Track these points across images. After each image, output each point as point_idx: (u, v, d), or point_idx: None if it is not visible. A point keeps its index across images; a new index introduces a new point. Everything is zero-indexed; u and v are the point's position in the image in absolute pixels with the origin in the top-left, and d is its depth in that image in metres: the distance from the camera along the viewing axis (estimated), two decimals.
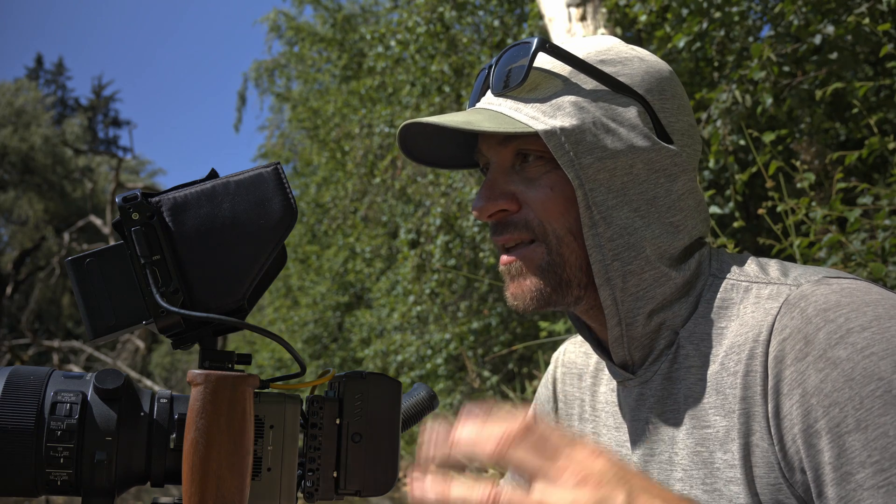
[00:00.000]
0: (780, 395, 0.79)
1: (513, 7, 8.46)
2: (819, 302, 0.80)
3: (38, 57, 45.22)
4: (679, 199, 0.91)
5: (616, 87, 0.90)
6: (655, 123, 0.91)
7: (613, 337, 0.92)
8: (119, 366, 16.55)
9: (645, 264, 0.88)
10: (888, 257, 2.80)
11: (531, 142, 0.90)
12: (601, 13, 4.42)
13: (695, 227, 0.93)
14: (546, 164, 0.90)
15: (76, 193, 28.89)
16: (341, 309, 13.93)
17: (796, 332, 0.79)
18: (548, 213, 0.90)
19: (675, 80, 0.95)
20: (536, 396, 1.19)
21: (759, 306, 0.84)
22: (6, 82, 30.40)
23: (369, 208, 10.94)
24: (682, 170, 0.91)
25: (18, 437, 0.67)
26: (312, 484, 0.75)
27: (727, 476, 0.84)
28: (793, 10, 3.74)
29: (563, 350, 1.16)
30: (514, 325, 8.34)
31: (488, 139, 0.94)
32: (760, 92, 3.77)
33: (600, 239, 0.87)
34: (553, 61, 0.91)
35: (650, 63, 0.93)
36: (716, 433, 0.85)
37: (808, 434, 0.77)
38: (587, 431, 1.06)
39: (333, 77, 14.78)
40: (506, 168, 0.93)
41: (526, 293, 0.92)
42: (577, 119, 0.87)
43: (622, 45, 0.95)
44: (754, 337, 0.83)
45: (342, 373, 0.78)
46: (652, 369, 0.92)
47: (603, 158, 0.87)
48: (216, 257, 0.70)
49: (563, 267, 0.91)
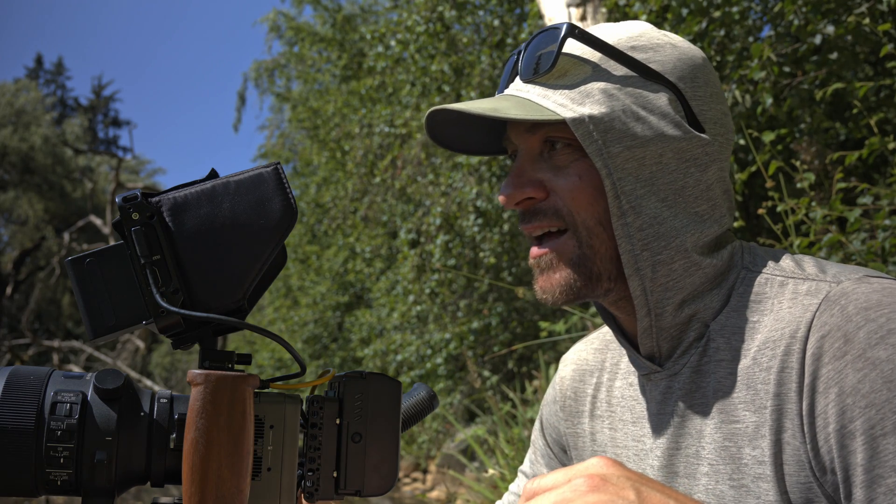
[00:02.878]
0: (815, 392, 0.78)
1: (513, 7, 8.45)
2: (860, 300, 0.79)
3: (38, 57, 45.21)
4: (708, 189, 0.89)
5: (647, 74, 0.88)
6: (687, 111, 0.89)
7: (642, 328, 0.90)
8: (119, 366, 16.55)
9: (675, 254, 0.87)
10: (888, 257, 2.80)
11: (559, 129, 0.88)
12: (601, 13, 4.42)
13: (722, 216, 0.91)
14: (574, 152, 0.89)
15: (76, 193, 28.89)
16: (341, 309, 13.93)
17: (836, 329, 0.78)
18: (576, 203, 0.88)
19: (709, 68, 0.93)
20: (544, 399, 1.18)
21: (797, 302, 0.83)
22: (6, 82, 30.41)
23: (369, 208, 10.94)
24: (714, 159, 0.90)
25: (18, 437, 0.67)
26: (312, 484, 0.75)
27: (755, 472, 0.82)
28: (793, 10, 3.74)
29: (574, 349, 1.14)
30: (513, 324, 8.35)
31: (516, 126, 0.93)
32: (760, 92, 3.77)
33: (629, 229, 0.86)
34: (583, 47, 0.89)
35: (682, 49, 0.91)
36: (745, 428, 0.84)
37: (842, 434, 0.76)
38: (600, 428, 1.04)
39: (333, 77, 14.78)
40: (534, 155, 0.92)
41: (555, 287, 0.91)
42: (606, 107, 0.86)
43: (654, 30, 0.93)
44: (791, 333, 0.81)
45: (342, 373, 0.78)
46: (681, 362, 0.91)
47: (632, 147, 0.85)
48: (216, 257, 0.70)
49: (593, 259, 0.89)
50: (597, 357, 1.09)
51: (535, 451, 1.18)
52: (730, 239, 0.93)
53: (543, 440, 1.16)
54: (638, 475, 0.66)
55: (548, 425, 1.15)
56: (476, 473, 4.28)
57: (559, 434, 1.13)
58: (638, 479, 0.66)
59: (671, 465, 0.91)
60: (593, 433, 1.06)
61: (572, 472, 0.66)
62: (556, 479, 0.66)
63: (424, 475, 9.46)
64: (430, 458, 9.21)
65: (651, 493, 0.65)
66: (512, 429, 4.07)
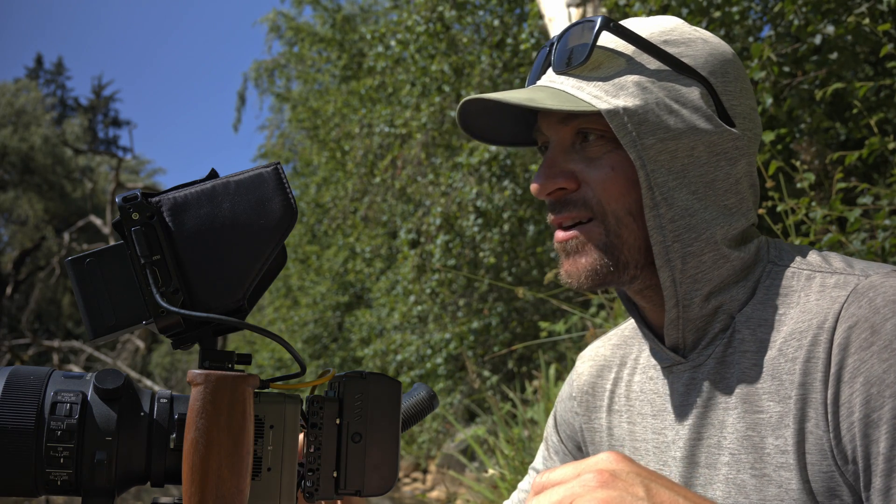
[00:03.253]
0: (840, 382, 0.79)
1: (513, 7, 8.45)
2: (889, 293, 0.80)
3: (38, 57, 45.20)
4: (737, 183, 0.91)
5: (679, 68, 0.89)
6: (718, 106, 0.90)
7: (669, 319, 0.91)
8: (119, 366, 16.55)
9: (705, 246, 0.88)
10: (888, 257, 2.80)
11: (593, 121, 0.89)
12: (601, 13, 4.42)
13: (749, 210, 0.92)
14: (607, 144, 0.89)
15: (76, 193, 28.89)
16: (341, 309, 13.93)
17: (863, 320, 0.79)
18: (608, 193, 0.89)
19: (738, 63, 0.94)
20: (559, 396, 1.18)
21: (825, 294, 0.84)
22: (6, 82, 30.42)
23: (369, 208, 10.93)
24: (743, 153, 0.91)
25: (18, 437, 0.67)
26: (312, 484, 0.75)
27: (778, 461, 0.83)
28: (793, 9, 3.74)
29: (592, 346, 1.15)
30: (513, 324, 8.35)
31: (548, 117, 0.93)
32: (760, 92, 3.77)
33: (661, 220, 0.87)
34: (616, 40, 0.91)
35: (714, 45, 0.93)
36: (769, 418, 0.85)
37: (866, 423, 0.76)
38: (618, 422, 1.05)
39: (333, 77, 14.78)
40: (566, 146, 0.92)
41: (581, 271, 0.92)
42: (640, 99, 0.87)
43: (686, 25, 0.94)
44: (819, 324, 0.82)
45: (342, 373, 0.78)
46: (706, 353, 0.91)
47: (665, 140, 0.87)
48: (216, 257, 0.70)
49: (620, 248, 0.90)
50: (615, 353, 1.09)
51: (549, 448, 1.18)
52: (755, 234, 0.94)
53: (557, 436, 1.17)
54: (648, 471, 0.66)
55: (562, 421, 1.16)
56: (476, 473, 4.28)
57: (574, 430, 1.13)
58: (648, 476, 0.65)
59: (692, 455, 0.92)
60: (610, 427, 1.06)
61: (581, 466, 0.66)
62: (565, 473, 0.66)
63: (424, 475, 9.46)
64: (430, 458, 9.21)
65: (660, 489, 0.64)
66: (512, 429, 4.07)
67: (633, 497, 0.63)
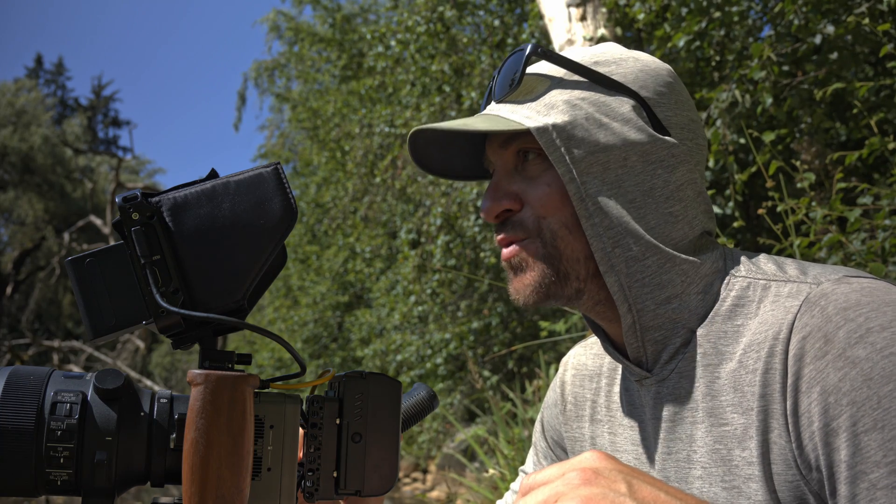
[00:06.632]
0: (798, 392, 0.80)
1: (513, 7, 8.46)
2: (839, 301, 0.80)
3: (38, 57, 45.18)
4: (678, 190, 0.92)
5: (610, 86, 0.92)
6: (652, 118, 0.93)
7: (626, 326, 0.92)
8: (119, 366, 16.56)
9: (646, 249, 0.90)
10: (888, 257, 2.80)
11: (531, 141, 0.93)
12: (601, 13, 4.42)
13: (696, 217, 0.94)
14: (544, 162, 0.93)
15: (76, 193, 28.90)
16: (341, 309, 13.93)
17: (816, 330, 0.80)
18: (545, 209, 0.92)
19: (674, 78, 0.97)
20: (545, 401, 1.19)
21: (779, 304, 0.85)
22: (6, 82, 30.43)
23: (369, 208, 10.94)
24: (681, 161, 0.93)
25: (18, 437, 0.67)
26: (312, 484, 0.75)
27: (746, 473, 0.84)
28: (793, 9, 3.73)
29: (573, 353, 1.16)
30: (514, 324, 8.35)
31: (493, 144, 0.97)
32: (760, 92, 3.77)
33: (598, 228, 0.89)
34: (549, 65, 0.96)
35: (645, 62, 0.96)
36: (734, 431, 0.86)
37: (825, 432, 0.77)
38: (600, 432, 1.06)
39: (333, 77, 14.78)
40: (508, 169, 0.96)
41: (527, 286, 0.94)
42: (569, 115, 0.90)
43: (619, 48, 0.98)
44: (774, 335, 0.83)
45: (342, 373, 0.78)
46: (668, 367, 0.93)
47: (595, 152, 0.89)
48: (216, 257, 0.70)
49: (559, 259, 0.92)
50: (595, 362, 1.11)
51: (538, 453, 1.20)
52: (712, 245, 0.95)
53: (545, 442, 1.18)
54: (630, 468, 0.68)
55: (549, 427, 1.17)
56: (476, 473, 4.28)
57: (560, 436, 1.15)
58: (629, 472, 0.67)
59: (663, 469, 0.94)
60: (593, 437, 1.08)
61: (566, 466, 0.67)
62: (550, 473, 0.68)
63: (424, 475, 9.46)
64: (430, 458, 9.21)
65: (642, 485, 0.66)
66: (512, 429, 4.07)
67: (616, 493, 0.64)
